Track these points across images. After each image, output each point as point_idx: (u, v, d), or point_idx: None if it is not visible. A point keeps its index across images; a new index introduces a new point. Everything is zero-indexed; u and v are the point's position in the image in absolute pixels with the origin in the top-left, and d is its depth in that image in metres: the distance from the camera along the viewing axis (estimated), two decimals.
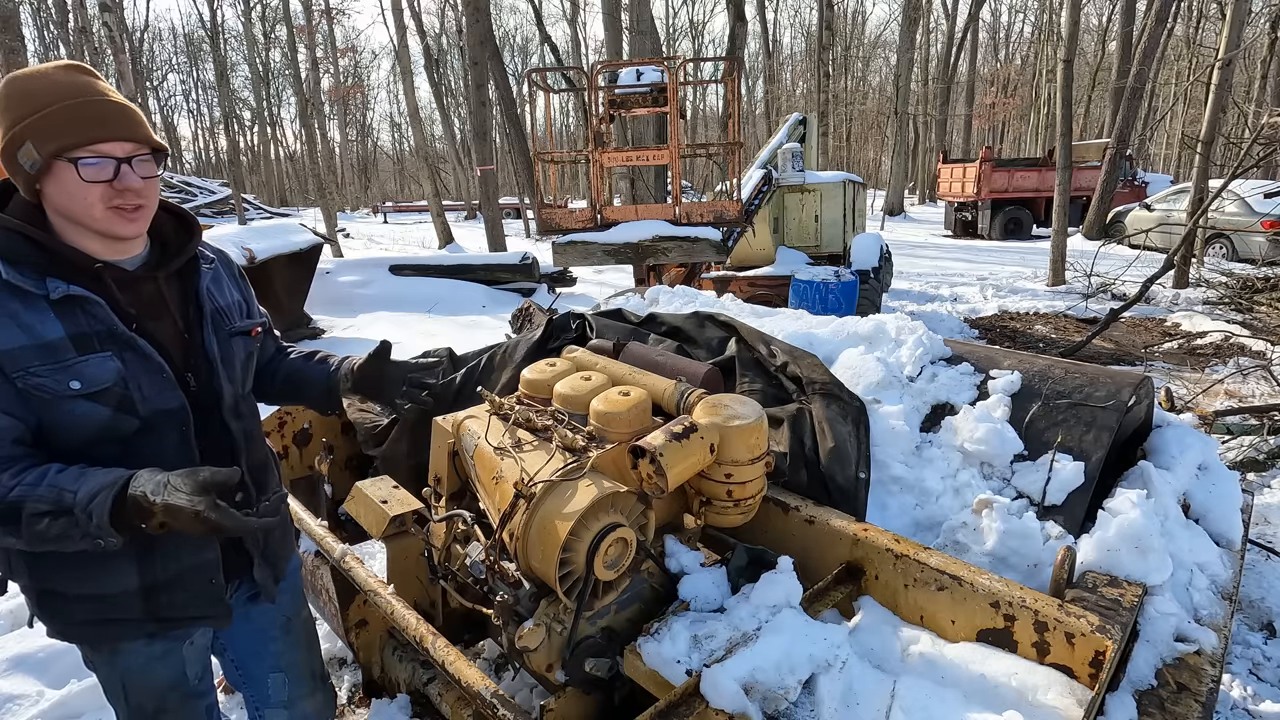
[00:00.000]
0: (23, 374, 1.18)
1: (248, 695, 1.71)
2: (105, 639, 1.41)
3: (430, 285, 10.18)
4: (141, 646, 1.42)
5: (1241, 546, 2.04)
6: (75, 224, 1.25)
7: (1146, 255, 10.45)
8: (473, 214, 28.12)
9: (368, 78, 52.99)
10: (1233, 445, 4.11)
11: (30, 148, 1.18)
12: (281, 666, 1.68)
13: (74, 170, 1.19)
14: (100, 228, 1.25)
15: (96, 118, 1.21)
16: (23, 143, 1.19)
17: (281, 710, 1.70)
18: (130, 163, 1.23)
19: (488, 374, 2.80)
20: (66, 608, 1.36)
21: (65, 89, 1.21)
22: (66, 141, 1.18)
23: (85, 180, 1.20)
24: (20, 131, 1.19)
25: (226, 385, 1.43)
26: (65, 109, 1.19)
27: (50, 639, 1.52)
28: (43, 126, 1.18)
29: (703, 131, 40.12)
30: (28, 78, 1.23)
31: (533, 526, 1.58)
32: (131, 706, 1.48)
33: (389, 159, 59.46)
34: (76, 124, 1.19)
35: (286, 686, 1.69)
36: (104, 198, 1.22)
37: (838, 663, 1.45)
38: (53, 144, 1.18)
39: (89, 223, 1.24)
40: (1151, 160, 33.26)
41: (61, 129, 1.18)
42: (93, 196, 1.21)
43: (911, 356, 2.52)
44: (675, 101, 6.95)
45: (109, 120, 1.22)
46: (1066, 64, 11.20)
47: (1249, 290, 8.59)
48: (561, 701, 1.63)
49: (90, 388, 1.23)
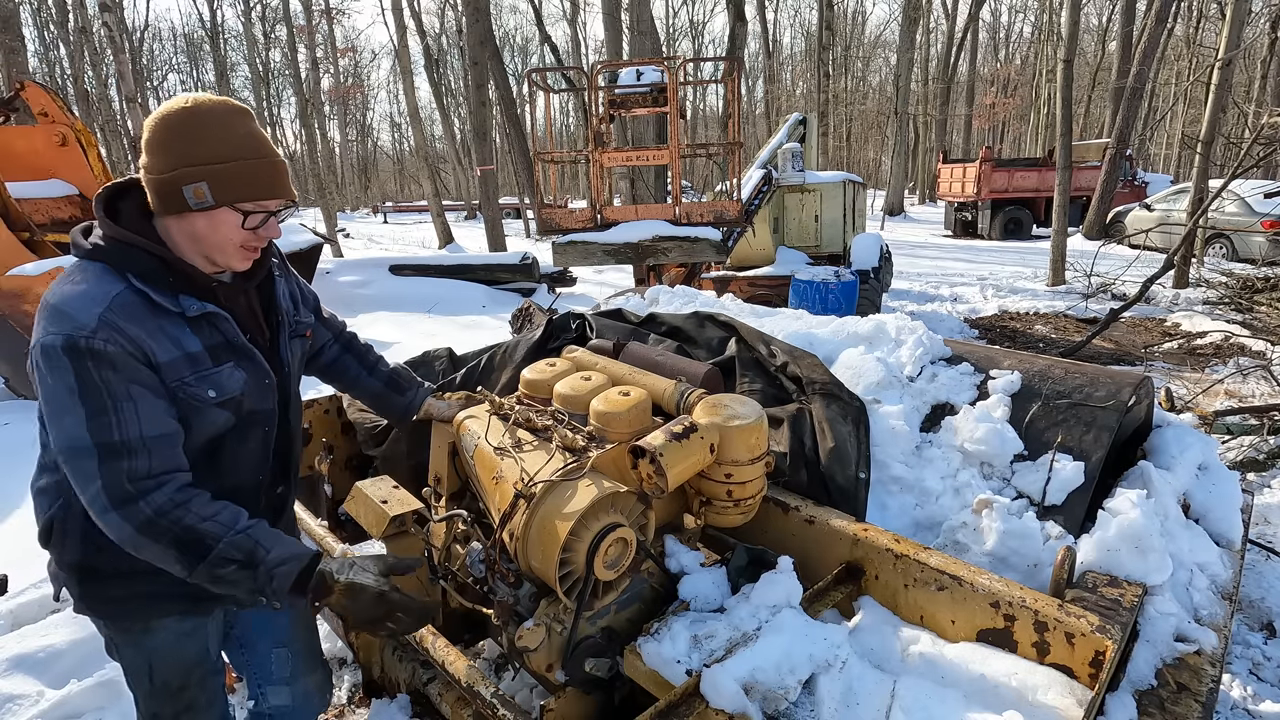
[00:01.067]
0: (179, 384, 1.30)
1: (250, 674, 1.75)
2: (142, 615, 1.47)
3: (430, 285, 10.18)
4: (173, 623, 1.49)
5: (1241, 546, 2.04)
6: (197, 249, 1.34)
7: (1146, 255, 10.45)
8: (473, 214, 28.13)
9: (368, 78, 52.99)
10: (1233, 445, 4.11)
11: (205, 190, 1.27)
12: (284, 642, 1.74)
13: (239, 219, 1.31)
14: (224, 261, 1.37)
15: (271, 181, 1.33)
16: (196, 182, 1.27)
17: (283, 686, 1.74)
18: (276, 215, 1.37)
19: (488, 374, 2.80)
20: (109, 583, 1.42)
21: (245, 144, 1.30)
22: (243, 196, 1.30)
23: (244, 228, 1.33)
24: (197, 173, 1.26)
25: (294, 388, 1.57)
26: (248, 167, 1.30)
27: (48, 640, 1.53)
28: (225, 178, 1.28)
29: (703, 131, 40.12)
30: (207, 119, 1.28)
31: (533, 526, 1.58)
32: (156, 684, 1.52)
33: (389, 159, 59.45)
34: (256, 185, 1.31)
35: (289, 662, 1.75)
36: (244, 240, 1.35)
37: (838, 663, 1.45)
38: (231, 196, 1.29)
39: (217, 255, 1.35)
40: (1151, 160, 33.25)
41: (243, 187, 1.30)
42: (237, 239, 1.34)
43: (911, 356, 2.52)
44: (675, 101, 6.95)
45: (278, 183, 1.35)
46: (1066, 64, 11.20)
47: (1249, 290, 8.58)
48: (561, 701, 1.63)
49: (222, 396, 1.35)
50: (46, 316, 1.23)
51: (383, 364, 2.01)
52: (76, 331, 1.19)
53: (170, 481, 1.26)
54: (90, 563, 1.39)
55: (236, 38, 38.39)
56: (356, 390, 1.99)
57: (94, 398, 1.20)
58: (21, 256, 6.17)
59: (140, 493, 1.23)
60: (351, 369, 1.94)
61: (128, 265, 1.28)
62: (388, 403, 2.01)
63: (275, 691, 1.74)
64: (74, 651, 2.58)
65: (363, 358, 1.96)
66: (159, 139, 1.28)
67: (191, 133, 1.27)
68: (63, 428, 1.21)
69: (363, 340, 2.00)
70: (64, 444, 1.22)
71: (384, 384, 1.98)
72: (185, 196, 1.27)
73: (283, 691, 1.75)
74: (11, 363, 5.98)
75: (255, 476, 1.49)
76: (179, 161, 1.26)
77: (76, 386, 1.19)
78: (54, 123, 8.06)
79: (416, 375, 2.10)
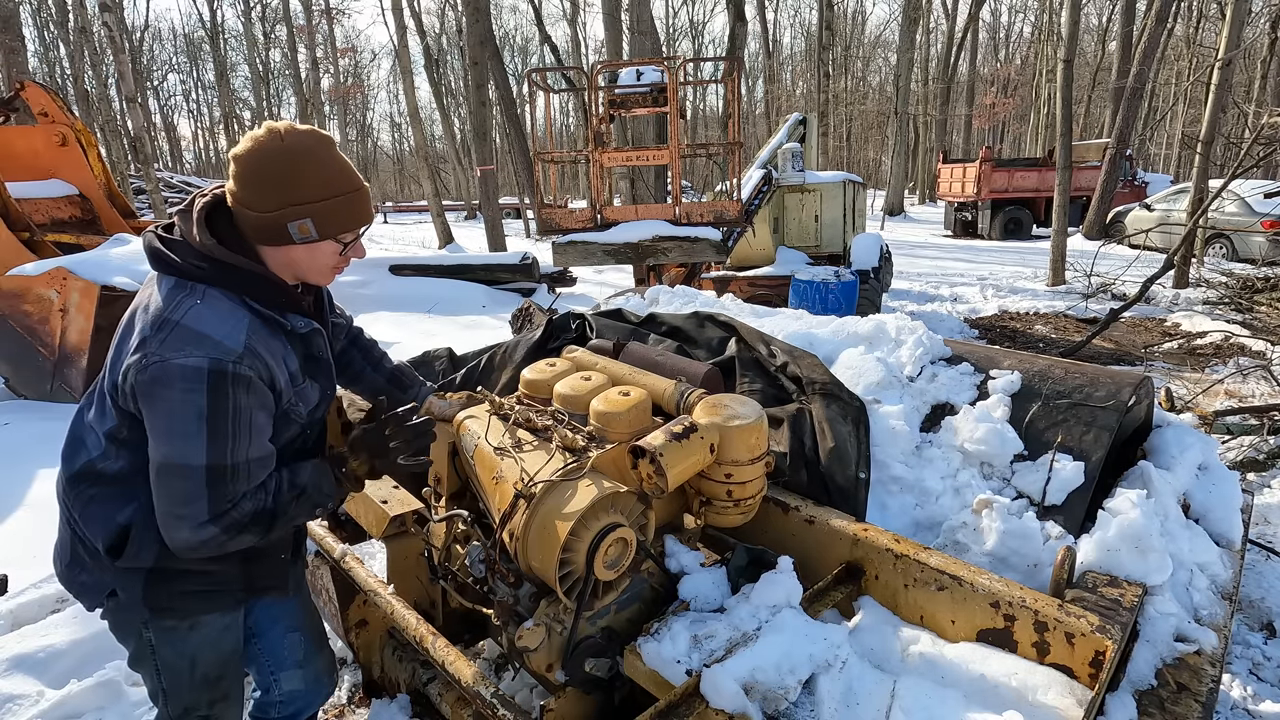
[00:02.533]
0: (291, 400, 1.42)
1: (262, 663, 1.78)
2: (195, 611, 1.54)
3: (430, 285, 10.17)
4: (218, 619, 1.57)
5: (1241, 546, 2.04)
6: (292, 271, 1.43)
7: (1146, 255, 10.45)
8: (473, 214, 28.12)
9: (368, 78, 53.02)
10: (1233, 445, 4.11)
11: (310, 226, 1.36)
12: (297, 626, 1.79)
13: (338, 248, 1.42)
14: (315, 281, 1.48)
15: (366, 210, 1.43)
16: (301, 219, 1.35)
17: (296, 670, 1.79)
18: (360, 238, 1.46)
19: (488, 374, 2.80)
20: (179, 582, 1.48)
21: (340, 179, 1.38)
22: (345, 229, 1.40)
23: (339, 255, 1.42)
24: (301, 212, 1.34)
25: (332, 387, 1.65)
26: (347, 202, 1.39)
27: (48, 640, 1.56)
28: (328, 215, 1.37)
29: (703, 131, 40.12)
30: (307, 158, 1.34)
31: (533, 526, 1.58)
32: (197, 677, 1.58)
33: (389, 159, 59.47)
34: (354, 218, 1.41)
35: (302, 645, 1.79)
36: (337, 264, 1.46)
37: (838, 663, 1.45)
38: (334, 231, 1.39)
39: (311, 277, 1.45)
40: (1151, 160, 33.27)
41: (344, 221, 1.39)
42: (333, 263, 1.44)
43: (911, 356, 2.52)
44: (675, 101, 6.95)
45: (369, 212, 1.45)
46: (1066, 64, 11.20)
47: (1249, 290, 8.59)
48: (561, 701, 1.63)
49: (308, 407, 1.48)
50: (178, 336, 1.26)
51: (387, 360, 2.03)
52: (225, 356, 1.26)
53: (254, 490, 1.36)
54: (163, 564, 1.44)
55: (236, 38, 38.45)
56: (360, 385, 2.00)
57: (221, 423, 1.26)
58: (21, 256, 6.18)
59: (235, 506, 1.32)
60: (356, 363, 1.95)
61: (244, 288, 1.34)
62: (390, 399, 2.02)
63: (289, 676, 1.78)
64: (74, 651, 2.58)
65: (368, 353, 1.97)
66: (258, 176, 1.32)
67: (291, 173, 1.33)
68: (176, 447, 1.26)
69: (367, 336, 2.01)
70: (172, 460, 1.27)
71: (387, 380, 2.00)
72: (290, 233, 1.35)
73: (295, 675, 1.79)
74: (11, 363, 5.97)
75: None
76: (283, 201, 1.33)
77: (207, 412, 1.25)
78: (54, 123, 8.06)
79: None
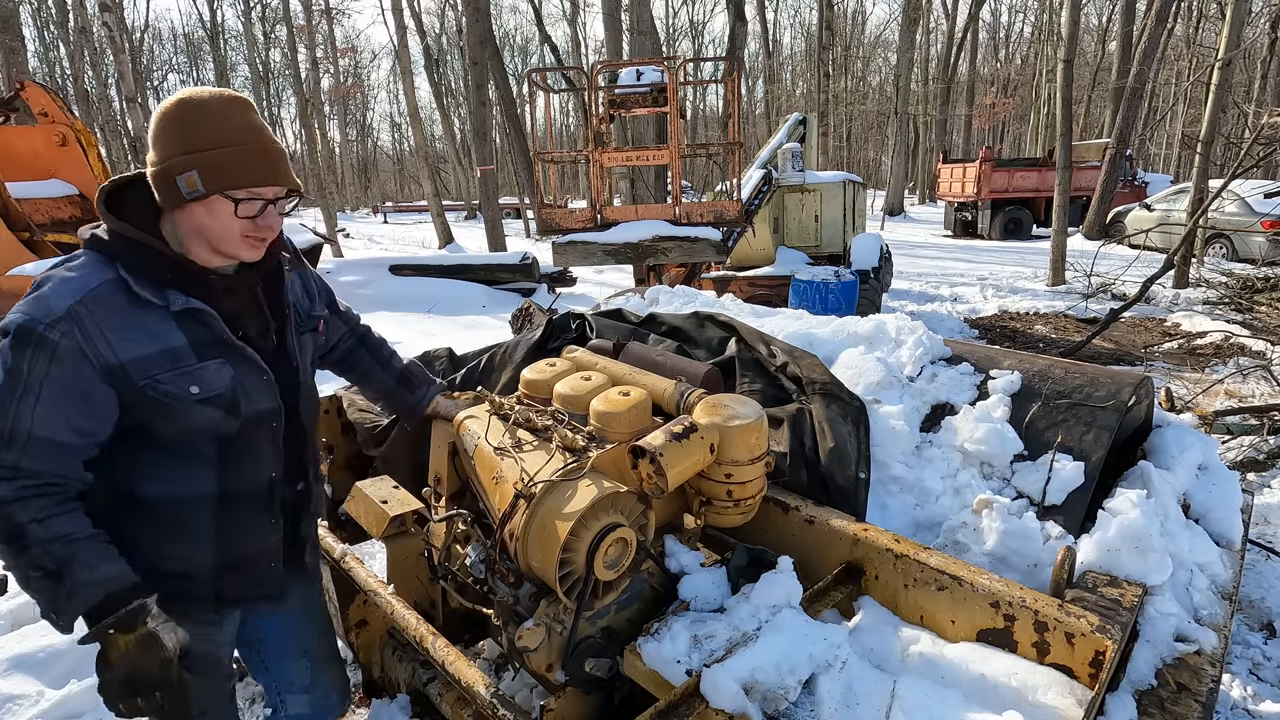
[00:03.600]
0: (150, 381, 1.27)
1: (269, 683, 1.74)
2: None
3: (430, 285, 10.18)
4: (188, 629, 1.46)
5: (1241, 546, 2.04)
6: (203, 241, 1.34)
7: (1146, 255, 10.45)
8: (473, 214, 28.11)
9: (368, 78, 52.99)
10: (1233, 445, 4.11)
11: (196, 179, 1.26)
12: (307, 649, 1.73)
13: (232, 207, 1.29)
14: (229, 251, 1.35)
15: (263, 167, 1.31)
16: (187, 171, 1.26)
17: (303, 695, 1.74)
18: (275, 203, 1.35)
19: (488, 374, 2.80)
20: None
21: (238, 131, 1.28)
22: (233, 183, 1.28)
23: (238, 216, 1.30)
24: (188, 161, 1.26)
25: (304, 381, 1.55)
26: (238, 154, 1.28)
27: (48, 640, 1.54)
28: (214, 164, 1.26)
29: (703, 131, 40.11)
30: (200, 109, 1.28)
31: (533, 526, 1.58)
32: None
33: (389, 159, 59.44)
34: (246, 170, 1.29)
35: (309, 670, 1.74)
36: (245, 230, 1.33)
37: (838, 663, 1.45)
38: (219, 183, 1.27)
39: (221, 247, 1.34)
40: (1151, 160, 33.24)
41: (231, 173, 1.27)
42: (236, 228, 1.32)
43: (911, 356, 2.52)
44: (675, 101, 6.95)
45: (270, 168, 1.32)
46: (1066, 64, 11.20)
47: (1249, 290, 8.60)
48: (561, 701, 1.63)
49: (207, 393, 1.33)
50: (28, 296, 1.24)
51: (396, 360, 2.02)
52: (41, 317, 1.20)
53: (25, 480, 1.21)
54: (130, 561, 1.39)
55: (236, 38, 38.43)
56: (369, 384, 1.99)
57: (11, 382, 1.19)
58: (21, 256, 6.18)
59: None
60: (365, 363, 1.94)
61: (121, 257, 1.28)
62: (398, 399, 2.02)
63: (294, 700, 1.73)
64: (74, 651, 2.58)
65: (376, 352, 1.96)
66: (156, 131, 1.29)
67: (185, 122, 1.27)
68: None
69: (377, 335, 2.00)
70: None
71: (396, 380, 1.99)
72: (179, 186, 1.26)
73: (302, 700, 1.74)
74: None
75: (267, 475, 1.48)
76: (172, 151, 1.26)
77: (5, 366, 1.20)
78: (54, 123, 8.06)
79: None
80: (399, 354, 2.05)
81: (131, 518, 1.36)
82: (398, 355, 2.04)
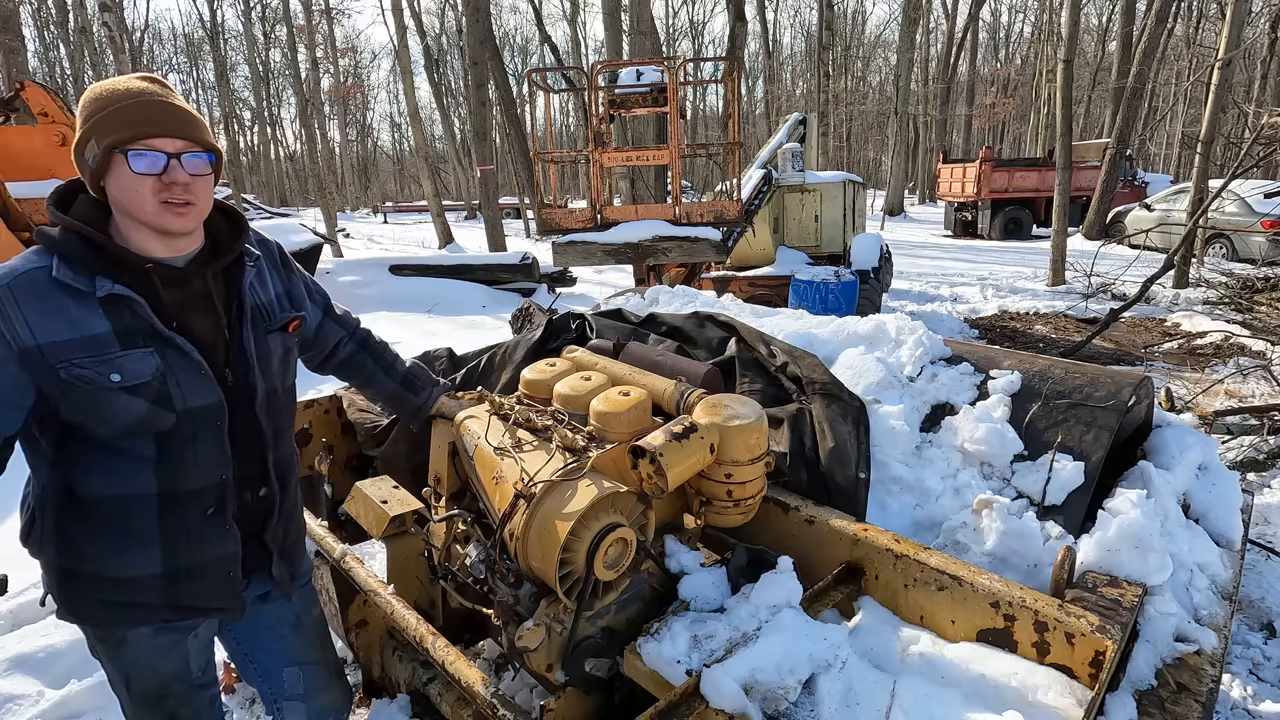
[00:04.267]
0: (66, 365, 1.25)
1: (263, 689, 1.73)
2: (119, 623, 1.44)
3: (430, 285, 10.19)
4: (148, 637, 1.45)
5: (1241, 546, 2.04)
6: (132, 219, 1.31)
7: (1146, 255, 10.46)
8: (473, 214, 28.12)
9: (368, 78, 52.99)
10: (1233, 445, 4.11)
11: (93, 143, 1.27)
12: (296, 661, 1.70)
13: (126, 163, 1.26)
14: (151, 221, 1.30)
15: (147, 115, 1.28)
16: (88, 140, 1.28)
17: (299, 702, 1.72)
18: (180, 159, 1.29)
19: (488, 374, 2.81)
20: (87, 587, 1.39)
21: (130, 93, 1.29)
22: (121, 135, 1.25)
23: (135, 172, 1.26)
24: (87, 130, 1.28)
25: (260, 382, 1.47)
26: (124, 107, 1.27)
27: (48, 640, 1.54)
28: (103, 122, 1.27)
29: (703, 131, 40.10)
30: (102, 85, 1.31)
31: (533, 526, 1.58)
32: (135, 695, 1.51)
33: (389, 159, 59.47)
34: (130, 121, 1.26)
35: (302, 680, 1.71)
36: (154, 191, 1.28)
37: (838, 663, 1.45)
38: (109, 138, 1.25)
39: (141, 216, 1.30)
40: (1151, 160, 33.26)
41: (118, 125, 1.26)
42: (144, 189, 1.27)
43: (911, 356, 2.52)
44: (675, 101, 6.95)
45: (159, 118, 1.29)
46: (1066, 64, 11.20)
47: (1249, 290, 8.60)
48: (561, 701, 1.63)
49: (129, 381, 1.29)
50: None
51: (399, 363, 2.01)
52: None
53: None
54: (67, 565, 1.38)
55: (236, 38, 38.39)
56: (372, 388, 1.99)
57: None
58: None
59: None
60: (367, 366, 1.93)
61: (58, 247, 1.28)
62: (403, 402, 2.02)
63: (291, 708, 1.71)
64: (74, 651, 2.58)
65: (379, 356, 1.96)
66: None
67: (88, 101, 1.30)
68: None
69: (379, 338, 1.99)
70: None
71: (399, 383, 1.98)
72: (88, 162, 1.28)
73: (298, 708, 1.71)
74: None
75: (216, 476, 1.41)
76: (81, 131, 1.29)
77: None
78: (54, 123, 8.06)
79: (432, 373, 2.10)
80: (402, 358, 2.04)
81: (76, 519, 1.35)
82: (400, 358, 2.03)
